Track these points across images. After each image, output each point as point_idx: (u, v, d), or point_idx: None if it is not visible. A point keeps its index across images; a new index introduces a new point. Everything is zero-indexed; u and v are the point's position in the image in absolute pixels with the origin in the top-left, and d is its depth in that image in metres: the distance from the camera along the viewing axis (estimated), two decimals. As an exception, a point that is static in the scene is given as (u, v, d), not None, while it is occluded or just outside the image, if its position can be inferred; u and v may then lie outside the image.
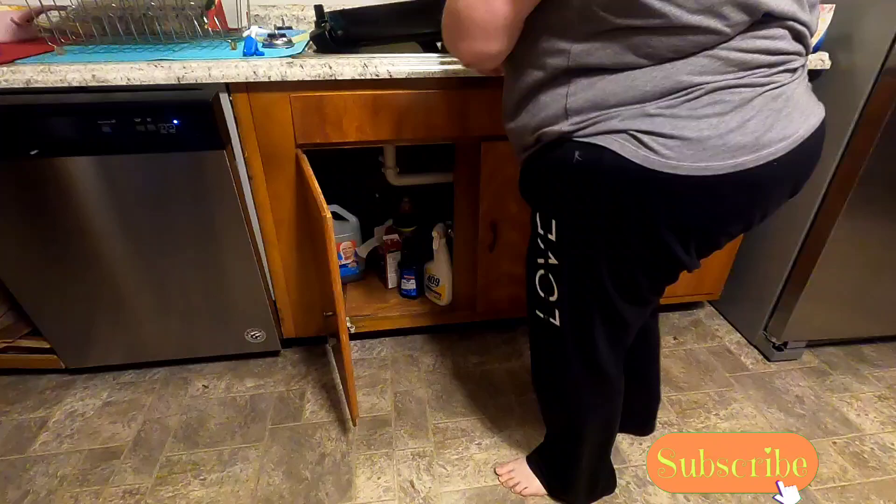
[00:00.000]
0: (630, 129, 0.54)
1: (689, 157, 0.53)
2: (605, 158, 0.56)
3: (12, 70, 0.93)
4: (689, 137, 0.53)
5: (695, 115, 0.53)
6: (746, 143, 0.53)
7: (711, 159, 0.53)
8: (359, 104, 1.07)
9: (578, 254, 0.66)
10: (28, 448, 1.19)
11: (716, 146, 0.53)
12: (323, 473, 1.13)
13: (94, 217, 1.08)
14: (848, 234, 1.21)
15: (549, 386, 0.91)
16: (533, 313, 0.79)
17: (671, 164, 0.53)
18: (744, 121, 0.53)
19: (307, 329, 1.40)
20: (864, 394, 1.35)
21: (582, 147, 0.58)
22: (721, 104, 0.52)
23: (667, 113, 0.53)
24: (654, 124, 0.53)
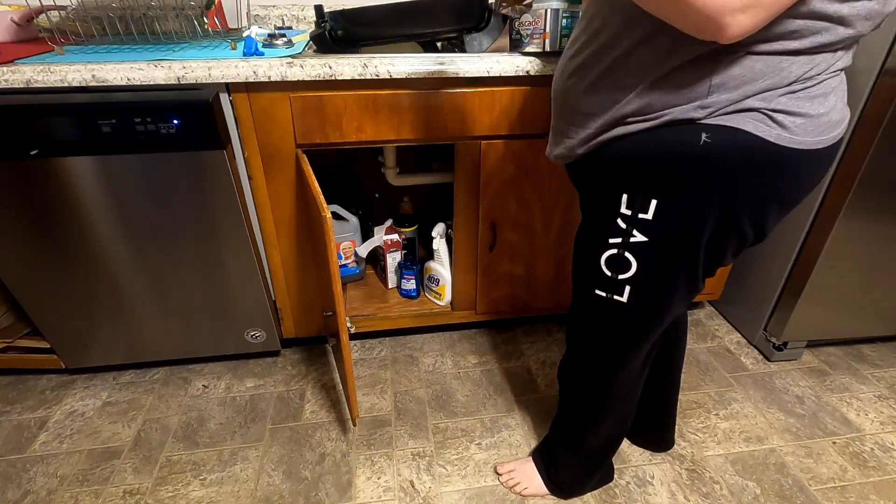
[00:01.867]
0: (763, 108, 0.58)
1: (810, 132, 0.59)
2: (737, 139, 0.58)
3: (12, 70, 0.93)
4: (811, 114, 0.58)
5: (809, 96, 0.58)
6: (838, 119, 0.61)
7: (822, 133, 0.60)
8: (359, 104, 1.07)
9: (680, 230, 0.67)
10: (28, 448, 1.19)
11: (826, 122, 0.60)
12: (323, 473, 1.13)
13: (94, 217, 1.08)
14: (848, 235, 1.21)
15: (589, 368, 0.90)
16: (590, 293, 0.79)
17: (798, 139, 0.59)
18: (836, 100, 0.60)
19: (307, 329, 1.40)
20: (864, 394, 1.35)
21: (710, 129, 0.59)
22: (824, 88, 0.59)
23: (790, 94, 0.58)
24: (781, 104, 0.58)
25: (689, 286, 0.74)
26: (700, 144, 0.59)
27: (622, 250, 0.71)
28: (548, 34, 1.01)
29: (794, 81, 0.57)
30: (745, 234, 0.67)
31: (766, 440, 1.21)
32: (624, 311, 0.77)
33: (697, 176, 0.62)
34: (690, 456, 1.17)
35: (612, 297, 0.76)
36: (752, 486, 1.11)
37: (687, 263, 0.70)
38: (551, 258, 1.38)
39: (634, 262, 0.71)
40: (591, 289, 0.79)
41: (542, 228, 1.32)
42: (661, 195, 0.65)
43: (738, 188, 0.62)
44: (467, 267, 1.37)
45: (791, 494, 1.09)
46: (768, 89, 0.57)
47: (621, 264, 0.73)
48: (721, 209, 0.63)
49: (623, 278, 0.74)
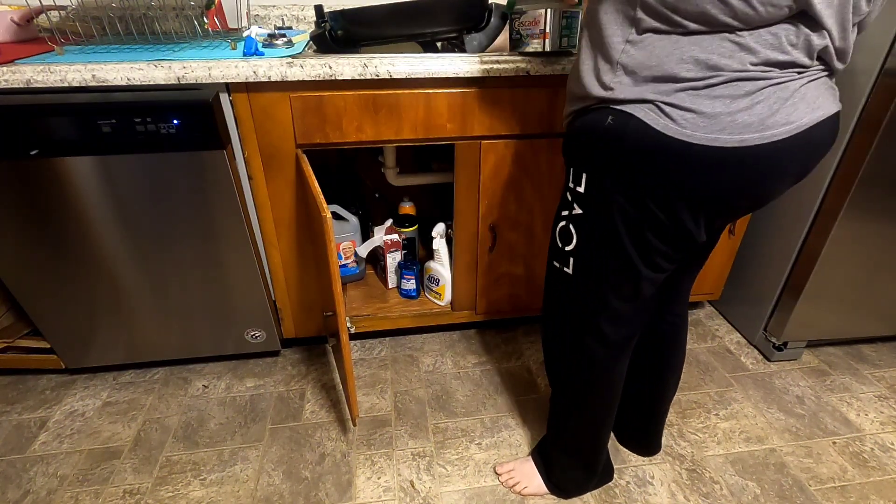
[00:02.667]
0: (657, 100, 0.62)
1: (701, 128, 0.60)
2: (630, 124, 0.64)
3: (12, 70, 0.93)
4: (704, 112, 0.60)
5: (711, 96, 0.60)
6: (752, 122, 0.60)
7: (720, 133, 0.60)
8: (359, 104, 1.07)
9: (601, 204, 0.72)
10: (28, 448, 1.19)
11: (725, 122, 0.60)
12: (323, 473, 1.13)
13: (94, 217, 1.08)
14: (848, 234, 1.21)
15: (556, 337, 0.94)
16: (550, 264, 0.87)
17: (685, 132, 0.61)
18: (752, 104, 0.60)
19: (307, 329, 1.40)
20: (864, 394, 1.35)
21: (614, 113, 0.65)
22: (734, 89, 0.60)
23: (689, 91, 0.60)
24: (676, 98, 0.61)
25: (624, 266, 0.76)
26: (605, 125, 0.66)
27: (567, 222, 0.79)
28: (548, 34, 1.01)
29: (693, 69, 0.59)
30: (661, 223, 0.70)
31: (766, 440, 1.21)
32: (571, 282, 0.83)
33: (603, 155, 0.69)
34: (690, 456, 1.17)
35: (562, 268, 0.83)
36: (752, 486, 1.11)
37: (611, 239, 0.74)
38: (551, 258, 1.38)
39: (574, 235, 0.78)
40: (551, 259, 0.86)
41: (542, 228, 1.32)
42: (588, 170, 0.72)
43: (635, 172, 0.67)
44: (467, 267, 1.37)
45: (791, 494, 1.09)
46: (667, 77, 0.60)
47: (567, 236, 0.80)
48: (626, 190, 0.69)
49: (568, 250, 0.80)
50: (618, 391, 0.96)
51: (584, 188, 0.74)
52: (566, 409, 0.99)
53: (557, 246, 0.83)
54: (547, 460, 1.08)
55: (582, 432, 1.00)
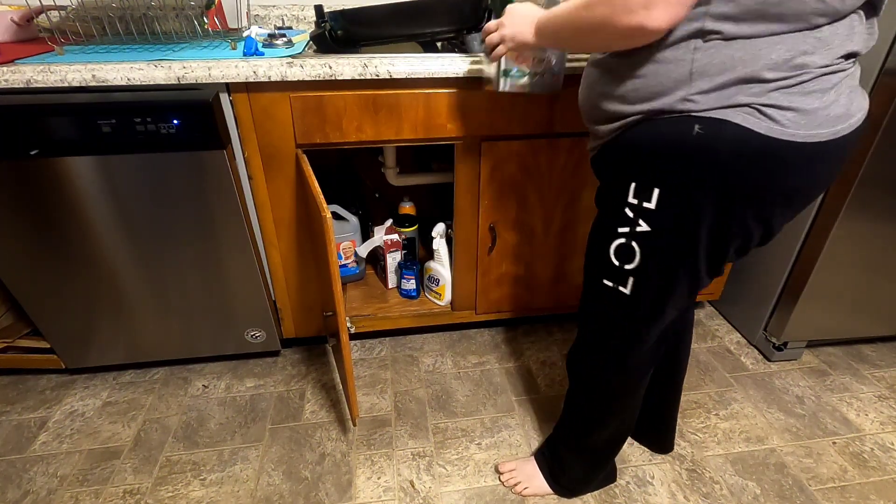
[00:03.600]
0: (753, 102, 0.60)
1: (803, 126, 0.60)
2: (726, 130, 0.61)
3: (12, 70, 0.93)
4: (804, 109, 0.60)
5: (804, 92, 0.60)
6: (841, 113, 0.62)
7: (819, 127, 0.61)
8: (359, 104, 1.07)
9: (679, 221, 0.68)
10: (28, 448, 1.19)
11: (822, 117, 0.61)
12: (323, 473, 1.13)
13: (94, 217, 1.08)
14: (848, 234, 1.21)
15: (595, 358, 0.91)
16: (599, 283, 0.81)
17: (790, 132, 0.60)
18: (838, 96, 0.61)
19: (307, 329, 1.40)
20: (864, 394, 1.35)
21: (702, 121, 0.62)
22: (823, 83, 0.60)
23: (783, 90, 0.59)
24: (773, 99, 0.59)
25: (691, 280, 0.75)
26: (693, 135, 0.62)
27: (629, 240, 0.74)
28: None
29: (779, 69, 0.58)
30: (749, 229, 0.68)
31: (766, 440, 1.21)
32: (627, 302, 0.79)
33: (693, 167, 0.64)
34: (690, 456, 1.17)
35: (617, 287, 0.78)
36: (752, 486, 1.10)
37: (687, 255, 0.71)
38: (551, 258, 1.38)
39: (638, 252, 0.73)
40: (600, 278, 0.81)
41: (543, 228, 1.32)
42: (663, 185, 0.67)
43: (733, 180, 0.63)
44: (467, 267, 1.37)
45: (791, 494, 1.09)
46: (753, 78, 0.59)
47: (628, 254, 0.75)
48: (719, 201, 0.65)
49: (628, 268, 0.76)
50: (642, 395, 0.98)
51: (655, 204, 0.68)
52: (595, 416, 0.97)
53: (612, 265, 0.77)
54: (556, 461, 1.07)
55: (608, 438, 1.00)
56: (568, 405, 1.02)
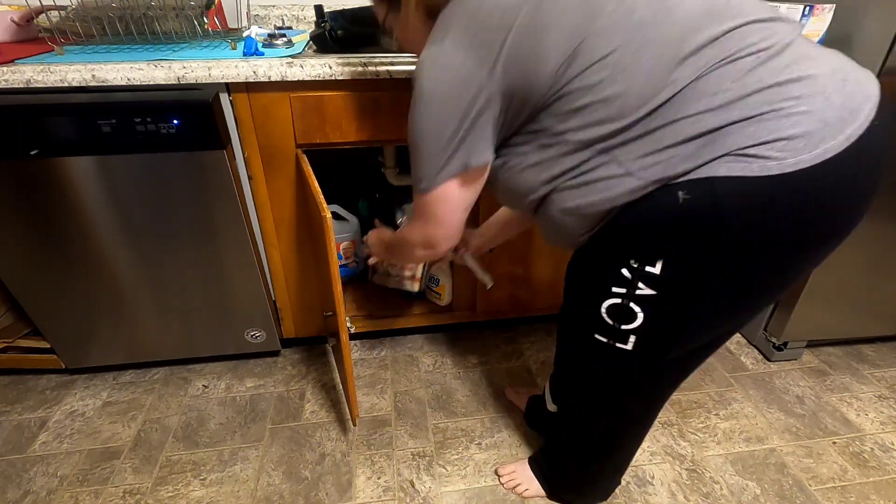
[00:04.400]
0: (731, 150, 0.52)
1: (802, 148, 0.51)
2: (717, 188, 0.53)
3: (12, 70, 0.93)
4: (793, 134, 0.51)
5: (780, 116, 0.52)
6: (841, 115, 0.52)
7: (823, 141, 0.51)
8: (359, 104, 1.06)
9: (689, 289, 0.62)
10: (28, 448, 1.19)
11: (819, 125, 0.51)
12: (323, 473, 1.13)
13: (94, 217, 1.08)
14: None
15: (595, 406, 0.86)
16: (589, 338, 0.74)
17: (790, 161, 0.51)
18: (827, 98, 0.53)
19: (307, 329, 1.40)
20: (864, 394, 1.35)
21: (683, 186, 0.55)
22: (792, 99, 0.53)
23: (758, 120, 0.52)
24: (751, 136, 0.52)
25: (703, 337, 0.69)
26: (679, 204, 0.55)
27: (627, 301, 0.66)
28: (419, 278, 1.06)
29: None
30: (779, 281, 0.61)
31: (766, 440, 1.21)
32: (629, 357, 0.71)
33: (690, 236, 0.57)
34: (690, 456, 1.17)
35: (614, 343, 0.71)
36: (752, 486, 1.10)
37: (701, 317, 0.65)
38: (551, 258, 1.38)
39: (641, 314, 0.66)
40: (591, 333, 0.73)
41: (542, 228, 1.32)
42: (666, 255, 0.60)
43: (748, 236, 0.55)
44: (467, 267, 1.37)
45: (791, 494, 1.09)
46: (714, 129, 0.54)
47: (627, 315, 0.67)
48: (736, 261, 0.57)
49: (627, 328, 0.68)
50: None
51: (660, 270, 0.61)
52: (596, 459, 0.95)
53: (605, 322, 0.70)
54: (550, 476, 1.06)
55: (612, 475, 1.00)
56: (563, 433, 0.97)
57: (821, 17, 1.07)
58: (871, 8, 1.05)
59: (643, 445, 1.19)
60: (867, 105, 0.53)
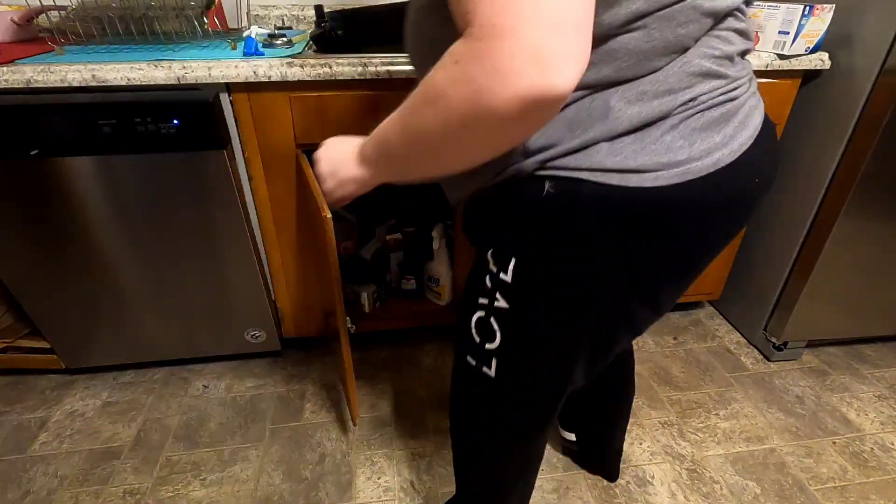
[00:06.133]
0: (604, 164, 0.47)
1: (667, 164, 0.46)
2: (585, 189, 0.47)
3: (12, 70, 0.93)
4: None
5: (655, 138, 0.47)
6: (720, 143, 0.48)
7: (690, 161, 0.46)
8: (359, 104, 1.06)
9: (541, 300, 0.54)
10: (28, 448, 1.19)
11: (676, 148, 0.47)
12: (323, 473, 1.13)
13: (94, 217, 1.08)
14: (848, 234, 1.21)
15: (468, 442, 0.78)
16: (462, 359, 0.66)
17: (653, 175, 0.46)
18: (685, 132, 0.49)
19: (307, 329, 1.40)
20: (864, 394, 1.35)
21: (553, 179, 0.48)
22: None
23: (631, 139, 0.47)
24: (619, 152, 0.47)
25: (558, 371, 0.61)
26: (543, 196, 0.49)
27: (488, 315, 0.59)
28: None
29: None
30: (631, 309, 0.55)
31: (766, 440, 1.21)
32: (493, 384, 0.63)
33: (548, 233, 0.50)
34: (690, 456, 1.17)
35: (480, 367, 0.63)
36: (752, 486, 1.11)
37: (556, 338, 0.57)
38: (551, 258, 1.38)
39: (499, 333, 0.59)
40: (462, 354, 0.66)
41: (542, 228, 1.32)
42: (517, 254, 0.53)
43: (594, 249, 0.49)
44: (467, 267, 1.37)
45: (791, 494, 1.09)
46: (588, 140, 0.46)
47: (488, 331, 0.60)
48: (585, 274, 0.51)
49: (490, 348, 0.61)
50: (537, 471, 0.84)
51: (511, 276, 0.54)
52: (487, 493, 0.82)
53: (473, 339, 0.62)
54: None
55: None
56: (458, 476, 0.87)
57: (821, 17, 1.07)
58: (871, 8, 1.05)
59: (643, 445, 1.19)
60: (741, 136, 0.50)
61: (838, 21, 1.10)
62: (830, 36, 1.12)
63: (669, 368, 1.42)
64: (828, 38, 1.12)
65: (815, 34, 1.09)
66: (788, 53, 1.11)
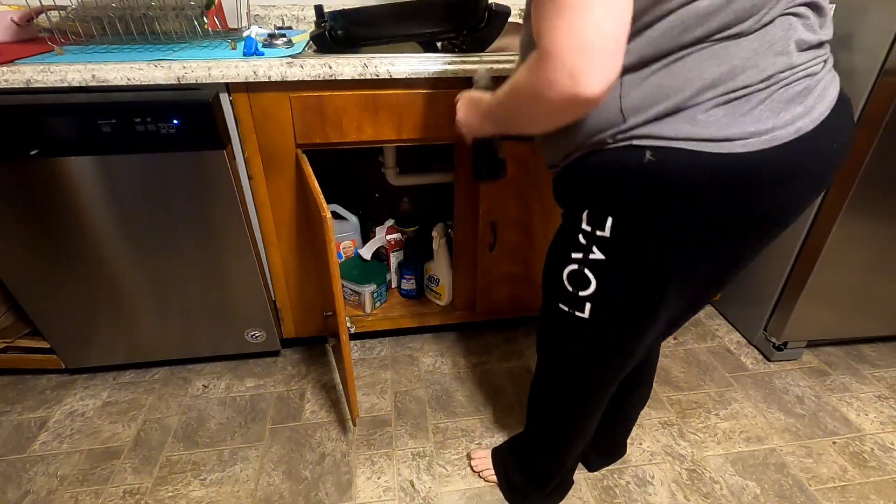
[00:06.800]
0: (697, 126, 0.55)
1: (754, 133, 0.54)
2: (679, 157, 0.55)
3: (12, 70, 0.93)
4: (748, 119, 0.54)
5: (751, 106, 0.54)
6: (799, 112, 0.55)
7: (774, 130, 0.54)
8: (359, 104, 1.07)
9: (635, 251, 0.63)
10: (28, 448, 1.19)
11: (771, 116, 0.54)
12: (323, 473, 1.13)
13: (95, 217, 1.08)
14: (848, 234, 1.21)
15: (555, 379, 0.88)
16: (553, 307, 0.77)
17: (739, 143, 0.53)
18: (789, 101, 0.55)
19: (307, 329, 1.40)
20: (864, 394, 1.35)
21: (652, 148, 0.56)
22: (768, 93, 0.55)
23: (723, 106, 0.54)
24: (715, 117, 0.54)
25: (657, 310, 0.70)
26: (644, 163, 0.57)
27: (582, 266, 0.68)
28: None
29: (715, 87, 0.53)
30: (714, 259, 0.63)
31: (766, 440, 1.21)
32: (586, 326, 0.74)
33: (645, 195, 0.59)
34: (690, 456, 1.17)
35: (573, 312, 0.73)
36: (752, 486, 1.11)
37: (648, 285, 0.66)
38: (551, 258, 1.38)
39: (594, 280, 0.68)
40: (556, 302, 0.76)
41: (542, 228, 1.32)
42: (616, 214, 0.62)
43: (689, 208, 0.58)
44: (467, 267, 1.37)
45: (791, 494, 1.09)
46: (688, 104, 0.54)
47: (582, 281, 0.70)
48: (676, 230, 0.60)
49: (584, 295, 0.71)
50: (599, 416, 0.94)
51: (609, 232, 0.63)
52: (552, 445, 0.95)
53: (566, 290, 0.72)
54: (508, 469, 1.07)
55: (561, 464, 0.98)
56: (527, 438, 1.01)
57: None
58: (871, 8, 1.05)
59: (643, 445, 1.19)
60: (820, 106, 0.56)
61: (838, 21, 1.10)
62: (830, 36, 1.12)
63: (669, 368, 1.42)
64: (828, 38, 1.12)
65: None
66: (788, 53, 1.11)
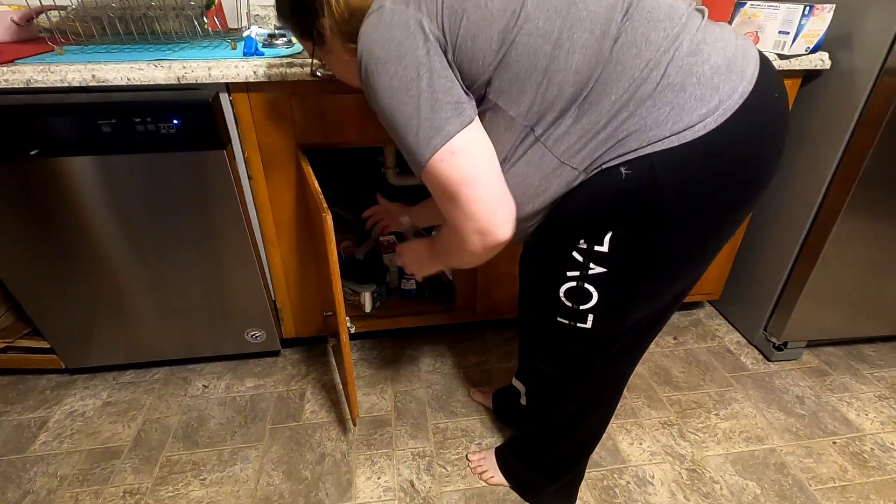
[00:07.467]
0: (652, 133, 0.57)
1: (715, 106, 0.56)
2: (655, 159, 0.57)
3: (12, 70, 0.93)
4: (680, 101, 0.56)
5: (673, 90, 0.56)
6: (719, 68, 0.58)
7: (707, 101, 0.56)
8: (359, 104, 1.06)
9: (636, 259, 0.64)
10: (28, 448, 1.19)
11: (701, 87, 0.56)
12: (323, 473, 1.13)
13: (94, 217, 1.08)
14: (848, 234, 1.21)
15: (559, 391, 0.88)
16: (552, 322, 0.76)
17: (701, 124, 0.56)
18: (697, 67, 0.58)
19: (307, 329, 1.40)
20: (864, 394, 1.35)
21: (625, 163, 0.58)
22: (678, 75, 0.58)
23: (656, 99, 0.56)
24: (661, 114, 0.56)
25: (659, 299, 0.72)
26: (623, 179, 0.58)
27: (581, 282, 0.68)
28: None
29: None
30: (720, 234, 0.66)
31: (766, 440, 1.21)
32: (589, 335, 0.74)
33: (636, 206, 0.60)
34: (690, 456, 1.17)
35: (574, 324, 0.73)
36: (752, 486, 1.11)
37: (649, 286, 0.68)
38: (551, 258, 1.38)
39: (596, 293, 0.68)
40: (553, 317, 0.75)
41: (542, 228, 1.32)
42: (615, 229, 0.63)
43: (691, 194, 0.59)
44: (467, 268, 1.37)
45: (791, 494, 1.09)
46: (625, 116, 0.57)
47: (583, 295, 0.69)
48: (672, 224, 0.61)
49: (585, 308, 0.71)
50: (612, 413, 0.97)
51: (608, 246, 0.64)
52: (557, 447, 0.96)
53: (564, 305, 0.72)
54: (513, 466, 1.08)
55: (577, 459, 1.00)
56: (529, 424, 1.00)
57: (821, 17, 1.07)
58: (871, 8, 1.05)
59: (643, 445, 1.19)
60: (750, 66, 0.58)
61: (838, 21, 1.10)
62: (830, 36, 1.12)
63: (669, 368, 1.42)
64: (828, 38, 1.12)
65: (815, 34, 1.09)
66: (788, 53, 1.11)
